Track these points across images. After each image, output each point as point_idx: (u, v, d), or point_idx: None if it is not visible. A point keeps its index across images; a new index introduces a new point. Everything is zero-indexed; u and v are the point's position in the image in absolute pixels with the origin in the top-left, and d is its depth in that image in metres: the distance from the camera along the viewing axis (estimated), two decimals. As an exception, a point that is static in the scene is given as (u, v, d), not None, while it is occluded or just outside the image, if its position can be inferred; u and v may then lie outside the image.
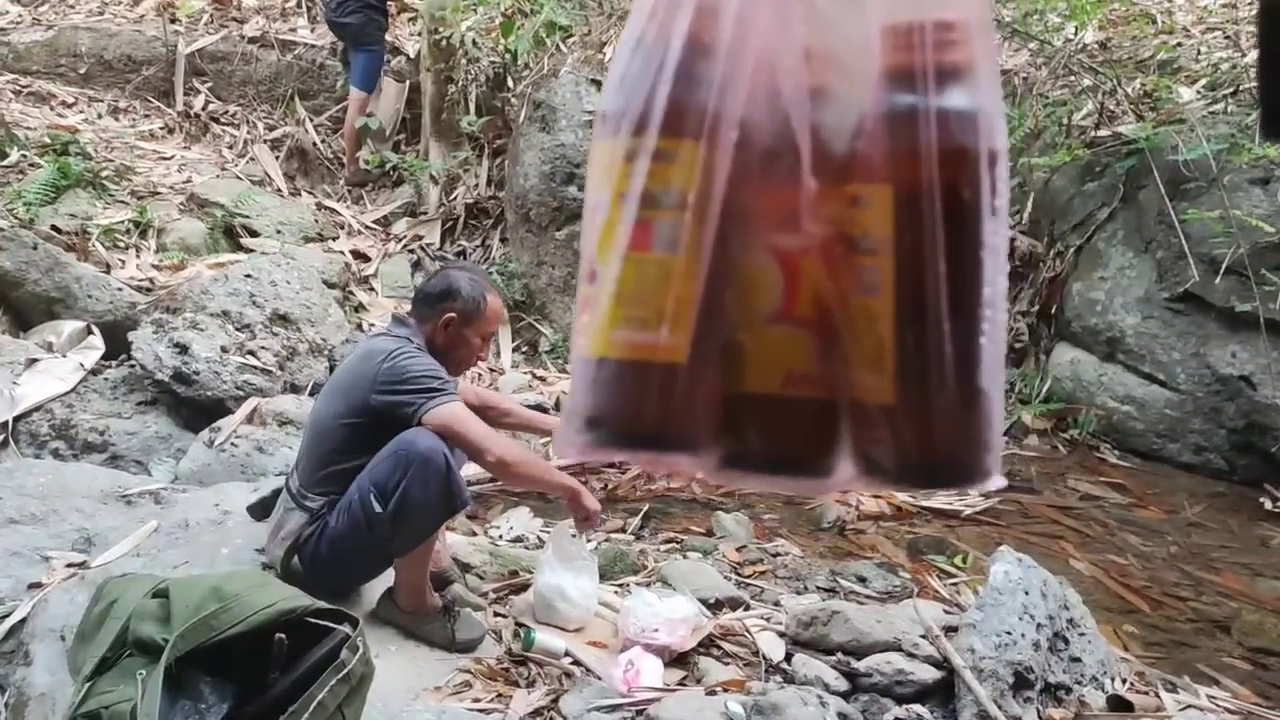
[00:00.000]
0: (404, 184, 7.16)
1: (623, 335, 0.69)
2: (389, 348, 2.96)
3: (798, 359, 0.72)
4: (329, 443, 3.00)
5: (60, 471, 3.83)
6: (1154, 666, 3.56)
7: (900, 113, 0.67)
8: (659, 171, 0.68)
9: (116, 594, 1.75)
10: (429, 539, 3.00)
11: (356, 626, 1.77)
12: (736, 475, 0.75)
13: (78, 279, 5.11)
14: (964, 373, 0.67)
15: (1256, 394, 5.01)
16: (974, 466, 0.69)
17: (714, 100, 0.68)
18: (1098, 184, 5.72)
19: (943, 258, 0.66)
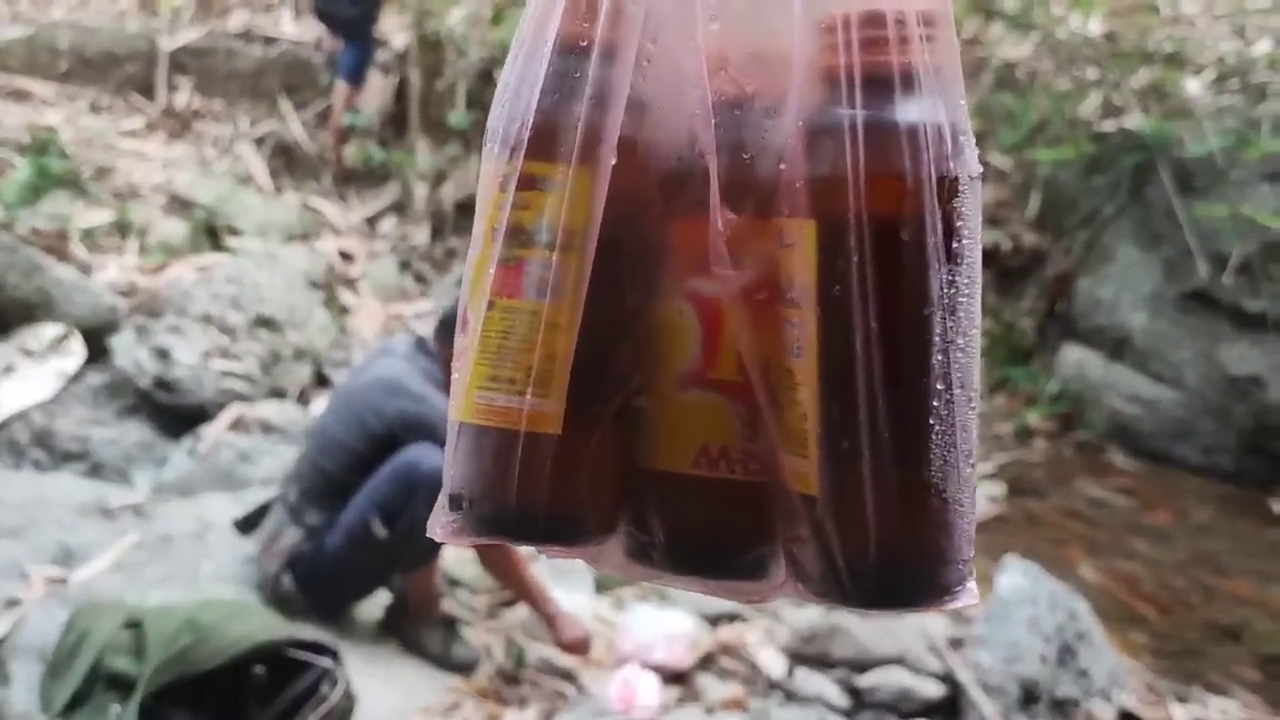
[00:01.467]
0: (391, 181, 7.04)
1: (485, 398, 0.57)
2: (414, 390, 2.87)
3: (715, 432, 0.58)
4: (333, 461, 2.94)
5: (39, 483, 3.74)
6: (1163, 677, 3.48)
7: (822, 129, 0.53)
8: (530, 202, 0.56)
9: (88, 625, 1.65)
10: (436, 557, 2.97)
11: (337, 658, 1.66)
12: (647, 571, 0.61)
13: (57, 282, 4.98)
14: (907, 463, 0.52)
15: (1266, 394, 4.92)
16: (924, 583, 0.53)
17: (589, 116, 0.56)
18: (1104, 179, 5.63)
19: (874, 315, 0.52)
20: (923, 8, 0.53)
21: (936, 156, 0.52)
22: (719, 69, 0.56)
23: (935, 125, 0.52)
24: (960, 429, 0.52)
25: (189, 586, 3.04)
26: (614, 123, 0.56)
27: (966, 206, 0.53)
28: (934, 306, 0.52)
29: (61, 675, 1.63)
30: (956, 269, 0.52)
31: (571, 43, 0.56)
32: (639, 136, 0.57)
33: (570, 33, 0.56)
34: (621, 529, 0.61)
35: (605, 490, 0.60)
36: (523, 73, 0.58)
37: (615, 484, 0.60)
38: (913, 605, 0.55)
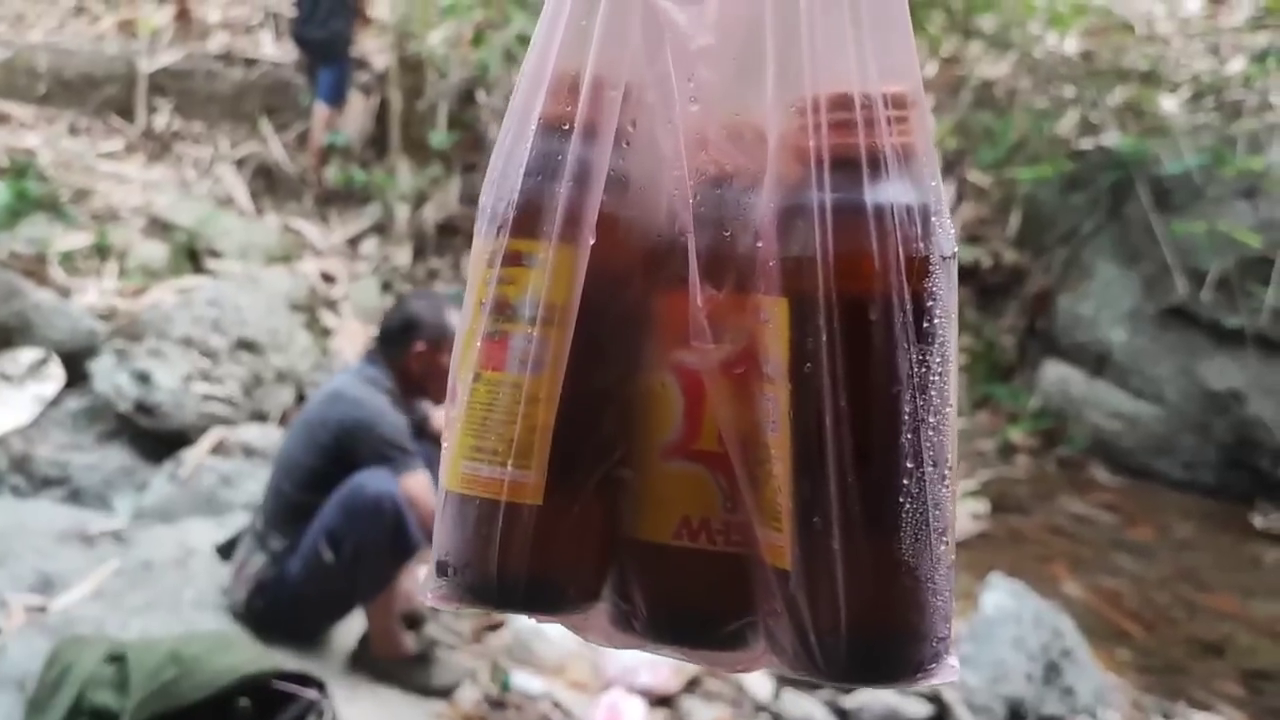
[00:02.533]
0: (372, 202, 7.02)
1: (470, 468, 0.59)
2: (354, 395, 2.89)
3: (697, 503, 0.59)
4: (290, 482, 2.94)
5: (18, 510, 3.70)
6: (1148, 693, 3.49)
7: (793, 209, 0.54)
8: (514, 277, 0.58)
9: (70, 659, 1.63)
10: (390, 584, 2.90)
11: (324, 690, 1.64)
12: (632, 640, 0.62)
13: (36, 306, 4.94)
14: (877, 540, 0.53)
15: (1246, 409, 4.96)
16: (896, 659, 0.54)
17: (570, 195, 0.57)
18: (1083, 196, 5.68)
19: (843, 393, 0.52)
20: (892, 90, 0.54)
21: (905, 237, 0.53)
22: (698, 149, 0.57)
23: (904, 206, 0.53)
24: (933, 506, 0.53)
25: (171, 614, 3.01)
26: (594, 201, 0.57)
27: (938, 286, 0.54)
28: (903, 385, 0.53)
29: (43, 710, 1.61)
30: (927, 348, 0.53)
31: (554, 124, 0.58)
32: (620, 214, 0.58)
33: (553, 114, 0.58)
34: (605, 597, 0.61)
35: (588, 559, 0.60)
36: (510, 153, 0.60)
37: (598, 553, 0.61)
38: (886, 681, 0.55)
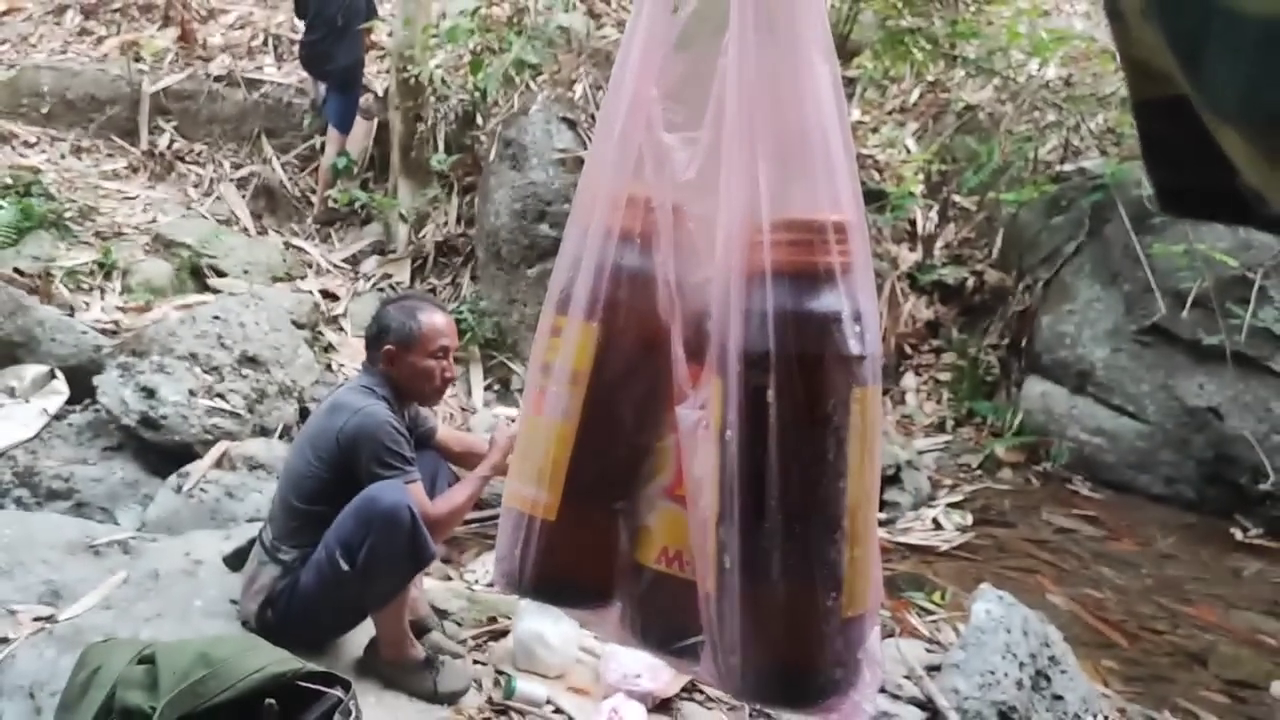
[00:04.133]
0: (373, 222, 7.12)
1: (514, 487, 0.77)
2: (353, 403, 2.95)
3: (674, 536, 0.73)
4: (299, 495, 2.98)
5: (25, 521, 3.74)
6: (1134, 702, 3.57)
7: (725, 308, 0.67)
8: (555, 345, 0.75)
9: (100, 661, 1.70)
10: (402, 593, 2.96)
11: (349, 690, 1.73)
12: (628, 638, 0.77)
13: (40, 322, 5.02)
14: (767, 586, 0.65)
15: (1224, 425, 5.07)
16: (789, 689, 0.66)
17: (593, 284, 0.73)
18: (1064, 218, 5.80)
19: (746, 459, 0.64)
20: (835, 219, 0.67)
21: (802, 338, 0.65)
22: (689, 254, 0.71)
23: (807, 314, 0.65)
24: (819, 563, 0.64)
25: (181, 624, 3.07)
26: (611, 290, 0.73)
27: (836, 381, 0.65)
28: (793, 459, 0.64)
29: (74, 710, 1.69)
30: (820, 430, 0.65)
31: (582, 228, 0.74)
32: (629, 301, 0.73)
33: (581, 221, 0.74)
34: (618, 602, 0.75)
35: (591, 567, 0.77)
36: (563, 250, 0.76)
37: (602, 563, 0.77)
38: (782, 705, 0.69)
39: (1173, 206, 0.49)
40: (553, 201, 6.11)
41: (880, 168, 6.22)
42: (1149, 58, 0.45)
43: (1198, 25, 0.40)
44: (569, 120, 6.26)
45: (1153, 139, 0.48)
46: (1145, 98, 0.47)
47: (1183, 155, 0.46)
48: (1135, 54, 0.46)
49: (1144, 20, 0.43)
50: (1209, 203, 0.47)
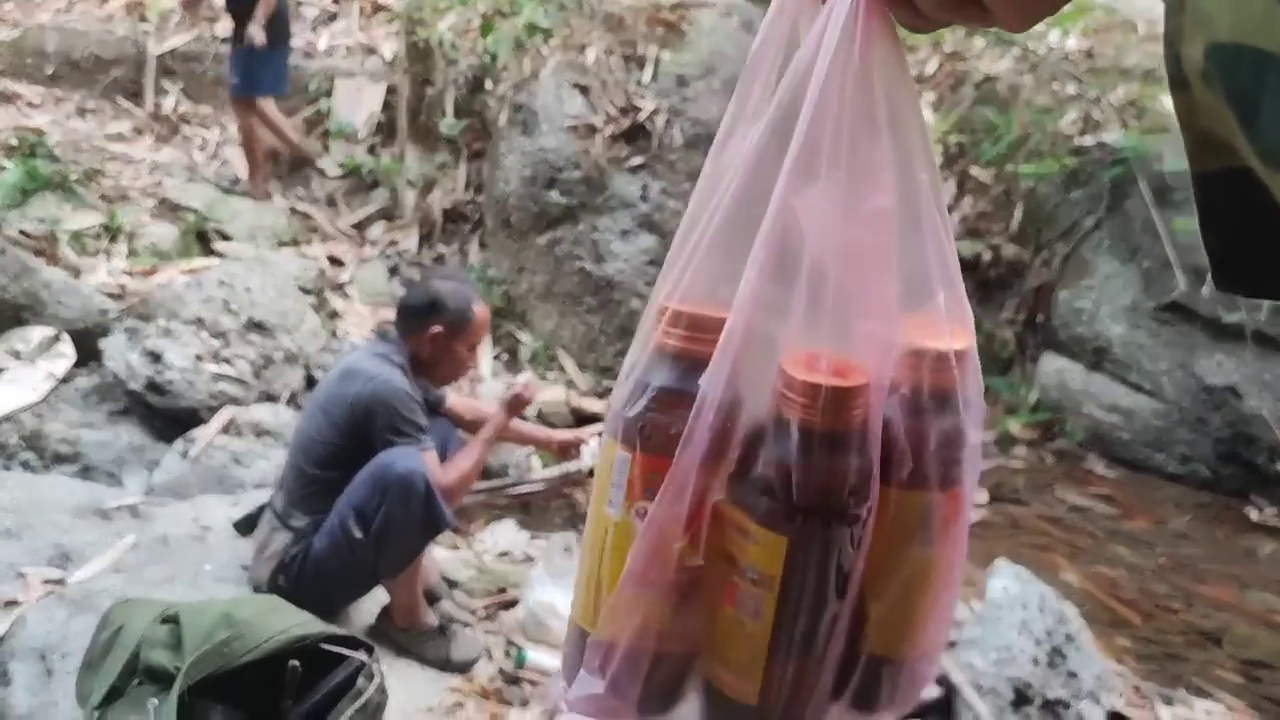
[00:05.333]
0: (380, 188, 7.05)
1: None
2: (368, 370, 2.91)
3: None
4: (311, 461, 2.96)
5: (34, 484, 3.71)
6: (1148, 680, 3.54)
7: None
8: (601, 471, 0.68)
9: (123, 620, 1.67)
10: (416, 560, 2.94)
11: (372, 653, 1.69)
12: None
13: (47, 284, 4.97)
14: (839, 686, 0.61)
15: (1242, 404, 5.02)
16: None
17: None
18: (1083, 192, 5.73)
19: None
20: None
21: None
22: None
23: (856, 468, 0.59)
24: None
25: (191, 588, 3.05)
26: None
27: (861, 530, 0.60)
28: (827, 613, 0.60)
29: (99, 669, 1.65)
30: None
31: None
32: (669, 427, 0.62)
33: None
34: None
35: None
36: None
37: None
38: None
39: (1227, 283, 0.49)
40: (563, 168, 6.04)
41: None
42: (1211, 126, 0.45)
43: (1255, 79, 0.41)
44: (580, 86, 6.18)
45: (1210, 210, 0.48)
46: (1205, 169, 0.47)
47: (1240, 227, 0.47)
48: (1197, 124, 0.46)
49: (1206, 85, 0.44)
50: (1264, 279, 0.47)
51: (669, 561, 0.58)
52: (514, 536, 4.04)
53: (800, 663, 0.58)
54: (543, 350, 6.02)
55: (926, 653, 0.63)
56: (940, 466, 0.59)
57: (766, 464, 0.57)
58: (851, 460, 0.56)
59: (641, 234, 5.96)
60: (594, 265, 6.00)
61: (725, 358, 0.56)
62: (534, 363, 5.95)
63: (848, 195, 0.56)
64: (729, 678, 0.60)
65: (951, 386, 0.59)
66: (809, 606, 0.57)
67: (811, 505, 0.56)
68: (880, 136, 0.56)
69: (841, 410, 0.56)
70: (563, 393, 5.58)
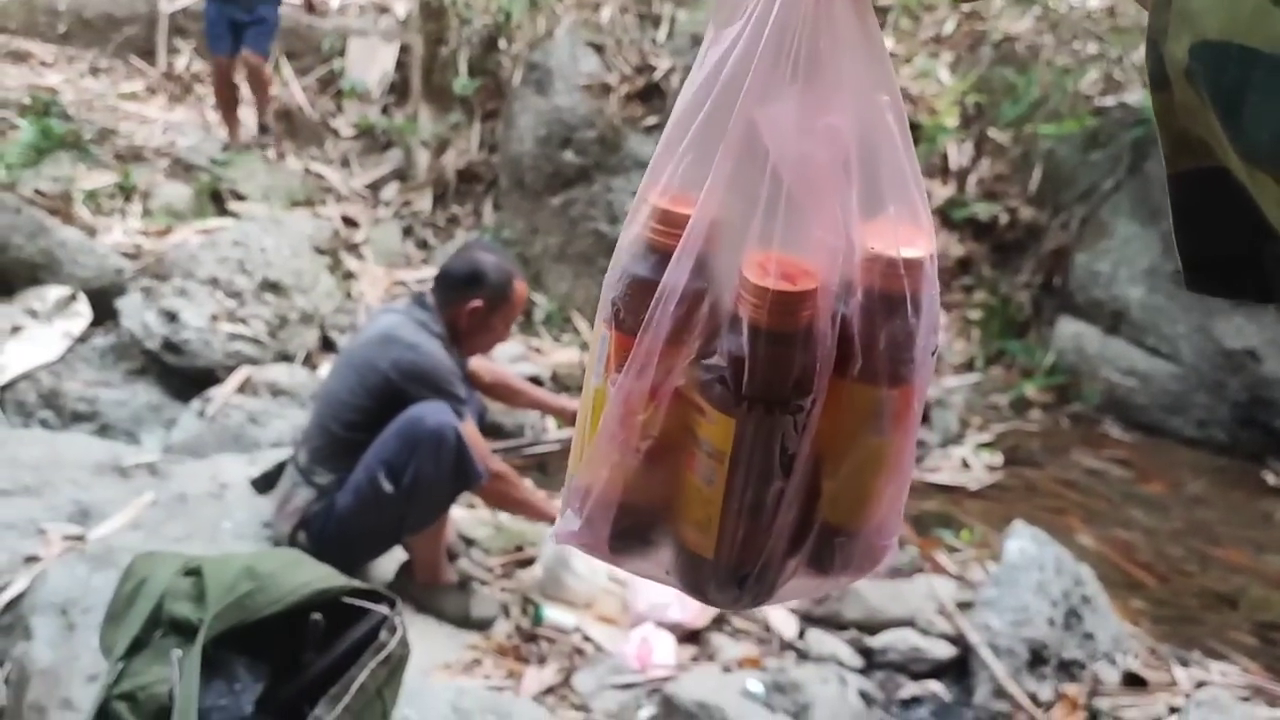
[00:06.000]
0: (393, 148, 7.02)
1: None
2: (408, 338, 2.90)
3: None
4: (338, 421, 2.95)
5: (53, 442, 3.72)
6: (1164, 642, 3.55)
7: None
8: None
9: (146, 572, 1.67)
10: (443, 514, 2.95)
11: (395, 606, 1.70)
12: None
13: (62, 244, 4.97)
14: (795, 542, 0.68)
15: (1261, 368, 5.00)
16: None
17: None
18: (1103, 154, 5.68)
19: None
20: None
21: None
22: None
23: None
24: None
25: (210, 544, 3.06)
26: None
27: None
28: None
29: (121, 621, 1.66)
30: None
31: None
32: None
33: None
34: None
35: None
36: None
37: None
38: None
39: (1198, 284, 0.50)
40: (577, 127, 6.01)
41: (913, 100, 6.07)
42: (1189, 126, 0.46)
43: (1241, 77, 0.41)
44: (595, 45, 6.13)
45: (1184, 210, 0.49)
46: (1180, 169, 0.48)
47: (1213, 228, 0.48)
48: (1175, 123, 0.47)
49: (1188, 83, 0.44)
50: (1235, 279, 0.49)
51: (634, 428, 0.65)
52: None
53: (750, 527, 0.66)
54: (557, 312, 6.01)
55: (879, 526, 0.69)
56: (889, 365, 0.64)
57: (721, 353, 0.63)
58: (796, 356, 0.62)
59: (656, 195, 5.92)
60: (608, 226, 5.97)
61: (687, 252, 0.62)
62: (548, 324, 5.94)
63: (802, 112, 0.61)
64: (691, 533, 0.68)
65: (901, 291, 0.64)
66: (755, 481, 0.64)
67: (757, 395, 0.62)
68: (840, 58, 0.62)
69: (787, 312, 0.62)
70: (577, 355, 5.57)
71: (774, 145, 0.61)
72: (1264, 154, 0.41)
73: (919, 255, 0.64)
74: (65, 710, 2.35)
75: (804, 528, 0.68)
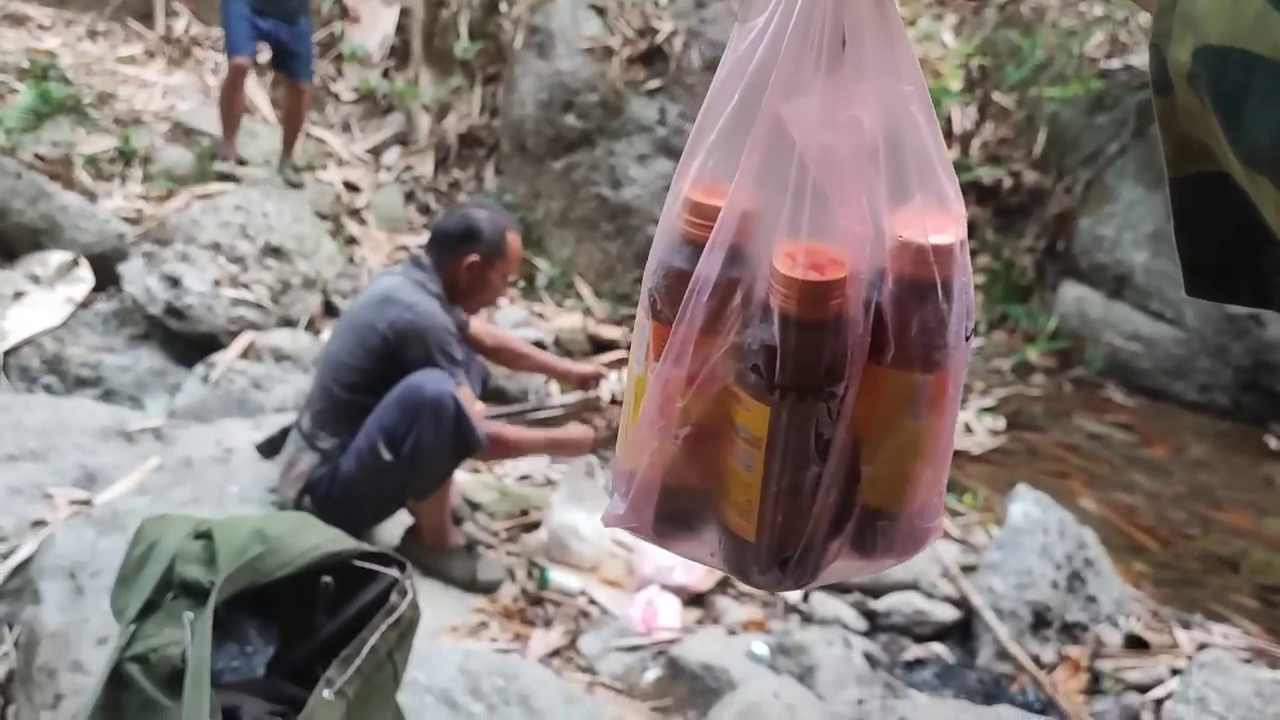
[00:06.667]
0: (394, 112, 6.97)
1: None
2: (405, 298, 2.90)
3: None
4: (339, 383, 2.96)
5: (58, 407, 3.72)
6: (1165, 604, 3.57)
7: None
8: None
9: (156, 535, 1.67)
10: (446, 481, 2.95)
11: (405, 569, 1.70)
12: None
13: (63, 208, 4.95)
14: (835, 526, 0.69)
15: (1265, 332, 4.99)
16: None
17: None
18: (1109, 117, 5.64)
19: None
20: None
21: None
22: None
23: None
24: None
25: (217, 508, 3.06)
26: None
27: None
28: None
29: (132, 584, 1.66)
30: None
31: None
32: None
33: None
34: None
35: None
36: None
37: None
38: None
39: (1198, 288, 0.51)
40: (580, 91, 5.96)
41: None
42: (1190, 130, 0.46)
43: (1242, 81, 0.41)
44: (597, 7, 6.07)
45: (1185, 215, 0.49)
46: (1181, 174, 0.48)
47: (1213, 232, 0.48)
48: (1177, 127, 0.47)
49: (1190, 88, 0.45)
50: (1235, 283, 0.49)
51: (673, 415, 0.66)
52: (534, 460, 4.06)
53: (789, 511, 0.67)
54: (559, 277, 5.99)
55: (920, 509, 0.70)
56: (923, 351, 0.65)
57: (755, 341, 0.64)
58: (827, 344, 0.63)
59: (659, 158, 5.90)
60: (611, 191, 5.94)
61: (719, 244, 0.64)
62: (550, 290, 5.93)
63: (826, 104, 0.62)
64: (733, 517, 0.69)
65: (931, 278, 0.64)
66: (791, 466, 0.65)
67: (790, 382, 0.64)
68: (862, 48, 0.63)
69: (816, 301, 0.63)
70: (580, 320, 5.56)
71: (800, 137, 0.62)
72: (1264, 158, 0.42)
73: (948, 241, 0.64)
74: (76, 673, 2.36)
75: (845, 511, 0.68)
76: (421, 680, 2.25)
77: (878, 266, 0.64)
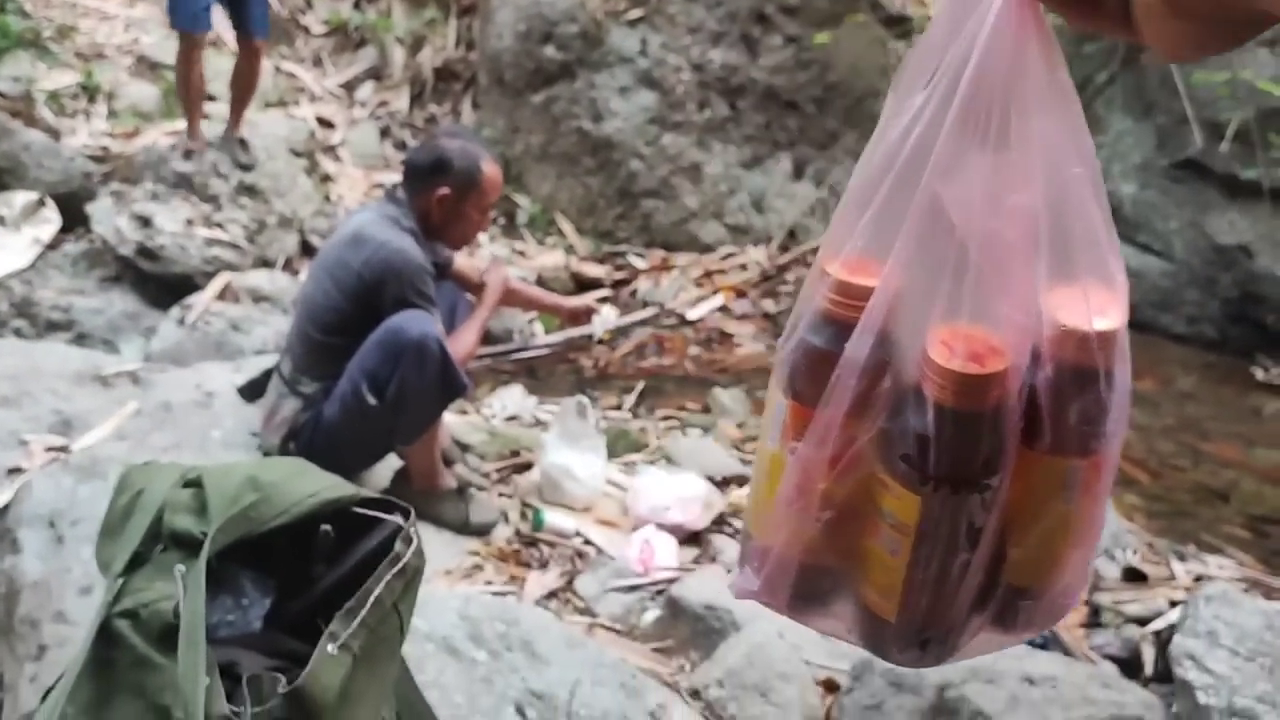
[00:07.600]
0: (367, 46, 6.78)
1: None
2: (378, 236, 2.81)
3: None
4: (316, 325, 2.88)
5: (29, 352, 3.62)
6: (1159, 537, 3.57)
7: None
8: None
9: (142, 484, 1.58)
10: (434, 424, 2.88)
11: (409, 516, 1.63)
12: None
13: (26, 147, 4.79)
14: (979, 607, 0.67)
15: (1254, 263, 4.97)
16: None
17: None
18: (1097, 46, 5.55)
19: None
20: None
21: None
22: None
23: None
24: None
25: (200, 454, 3.00)
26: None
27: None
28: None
29: (118, 536, 1.58)
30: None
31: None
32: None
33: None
34: None
35: None
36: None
37: None
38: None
39: None
40: (559, 21, 5.81)
41: (903, -9, 5.90)
42: None
43: None
44: (577, -65, 5.89)
45: None
46: None
47: None
48: None
49: None
50: None
51: (813, 497, 0.65)
52: (522, 401, 4.00)
53: (934, 595, 0.65)
54: (540, 214, 5.88)
55: (1065, 588, 0.68)
56: (1080, 438, 0.62)
57: (906, 429, 0.61)
58: (984, 437, 0.60)
59: (641, 91, 5.76)
60: (592, 124, 5.81)
61: (869, 327, 0.61)
62: (531, 227, 5.82)
63: (991, 186, 0.59)
64: (873, 596, 0.67)
65: (1093, 365, 0.61)
66: (940, 554, 0.63)
67: (944, 475, 0.61)
68: (1031, 126, 0.59)
69: (975, 394, 0.60)
70: (562, 257, 5.47)
71: (961, 221, 0.60)
72: None
73: (1112, 327, 0.62)
74: (59, 623, 2.30)
75: (988, 591, 0.67)
76: (422, 628, 2.20)
77: (1035, 350, 0.61)
